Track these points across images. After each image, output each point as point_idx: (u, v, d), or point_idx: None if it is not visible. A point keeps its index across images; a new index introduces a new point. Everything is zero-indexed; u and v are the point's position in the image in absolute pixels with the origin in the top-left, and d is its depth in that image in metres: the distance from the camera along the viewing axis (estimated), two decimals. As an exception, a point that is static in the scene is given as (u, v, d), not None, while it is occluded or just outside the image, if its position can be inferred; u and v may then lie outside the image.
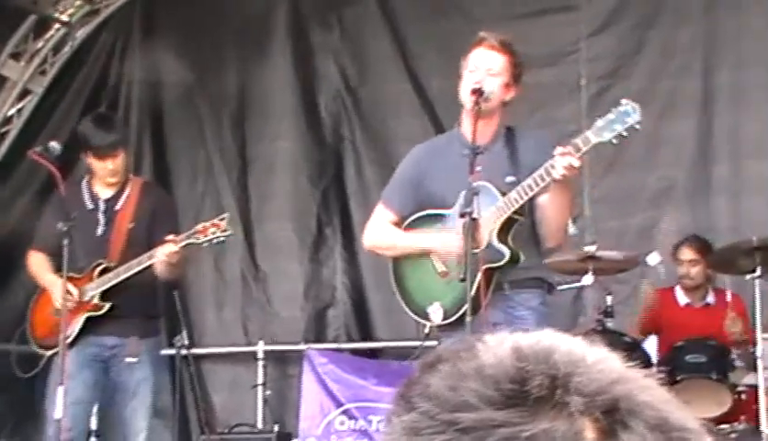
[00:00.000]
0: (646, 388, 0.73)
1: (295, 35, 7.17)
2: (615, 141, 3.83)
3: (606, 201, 6.48)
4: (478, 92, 4.01)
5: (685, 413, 0.74)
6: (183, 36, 7.29)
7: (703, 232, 5.98)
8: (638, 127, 3.83)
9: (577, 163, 3.75)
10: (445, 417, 0.72)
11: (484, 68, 4.05)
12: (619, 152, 6.27)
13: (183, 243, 4.70)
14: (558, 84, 6.56)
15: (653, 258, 5.51)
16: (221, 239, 4.80)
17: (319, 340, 6.93)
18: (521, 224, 4.03)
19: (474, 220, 3.93)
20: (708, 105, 6.40)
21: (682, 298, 5.76)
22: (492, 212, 3.98)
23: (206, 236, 4.73)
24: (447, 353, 0.76)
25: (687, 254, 5.69)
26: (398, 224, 4.27)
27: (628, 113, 3.81)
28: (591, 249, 5.22)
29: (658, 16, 6.53)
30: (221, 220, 4.78)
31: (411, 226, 4.24)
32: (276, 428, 6.47)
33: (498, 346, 0.75)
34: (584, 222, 6.43)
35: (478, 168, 4.01)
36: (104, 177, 4.98)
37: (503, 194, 3.98)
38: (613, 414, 0.70)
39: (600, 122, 3.83)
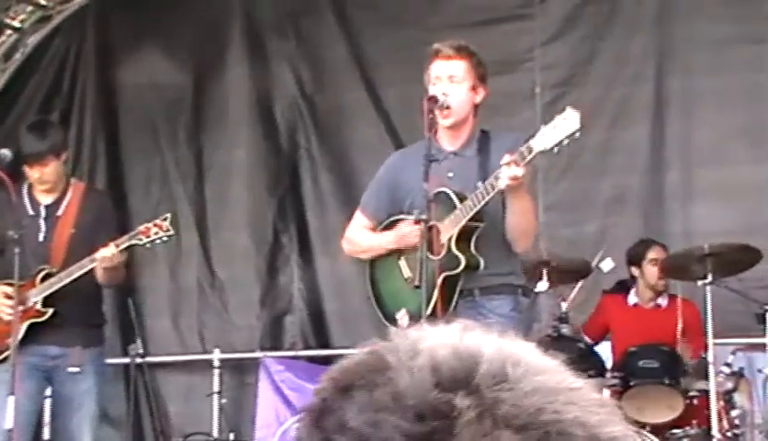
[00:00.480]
0: (574, 400, 0.69)
1: (251, 42, 7.15)
2: (556, 149, 3.86)
3: (560, 208, 6.53)
4: (433, 99, 4.04)
5: (616, 424, 0.70)
6: (138, 43, 7.26)
7: (655, 238, 6.06)
8: (577, 135, 3.84)
9: (520, 172, 3.76)
10: None
11: (446, 77, 4.08)
12: (573, 159, 6.35)
13: (125, 245, 4.68)
14: (512, 92, 6.60)
15: (607, 264, 5.56)
16: (164, 239, 4.79)
17: (275, 348, 6.92)
18: (485, 230, 4.04)
19: (432, 227, 3.96)
20: (660, 112, 6.48)
21: (632, 298, 5.83)
22: (451, 219, 4.01)
23: (148, 237, 4.73)
24: (359, 373, 0.70)
25: (660, 252, 5.74)
26: (374, 229, 4.31)
27: (569, 122, 3.84)
28: (545, 256, 5.26)
29: (611, 26, 6.60)
30: (164, 220, 4.79)
31: (384, 230, 4.27)
32: (231, 437, 6.45)
33: (413, 361, 0.69)
34: (538, 228, 6.48)
35: (449, 174, 4.05)
36: (35, 185, 4.94)
37: (462, 200, 4.01)
38: None
39: (543, 130, 3.86)
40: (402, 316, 4.04)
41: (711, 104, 6.34)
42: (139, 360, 5.72)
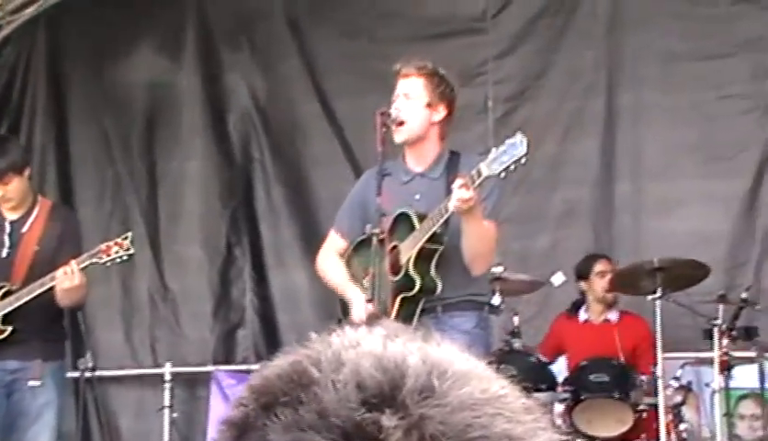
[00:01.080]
0: (502, 411, 0.67)
1: (204, 53, 7.12)
2: (503, 174, 3.88)
3: (512, 222, 6.55)
4: (385, 114, 4.07)
5: (542, 433, 0.69)
6: (89, 53, 7.19)
7: (605, 252, 6.11)
8: (523, 161, 3.86)
9: (468, 195, 3.78)
10: None
11: (402, 94, 4.14)
12: (525, 173, 6.36)
13: (84, 264, 4.65)
14: (465, 106, 6.58)
15: (557, 278, 5.60)
16: (125, 258, 4.78)
17: (227, 361, 6.88)
18: (447, 252, 4.03)
19: (395, 247, 3.98)
20: (611, 126, 6.53)
21: (582, 315, 5.88)
22: (410, 241, 4.03)
23: (109, 256, 4.71)
24: (282, 388, 0.68)
25: (607, 265, 5.79)
26: (350, 244, 4.32)
27: (516, 146, 3.86)
28: (498, 270, 5.27)
29: (563, 39, 6.64)
30: (125, 239, 4.77)
31: (356, 250, 4.29)
32: (182, 451, 6.40)
33: (336, 374, 0.67)
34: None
35: (417, 196, 4.07)
36: (0, 202, 4.89)
37: (422, 222, 4.03)
38: None
39: (492, 154, 3.89)
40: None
41: (661, 118, 6.41)
42: (88, 374, 5.65)
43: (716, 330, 4.92)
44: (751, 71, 6.24)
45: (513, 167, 3.84)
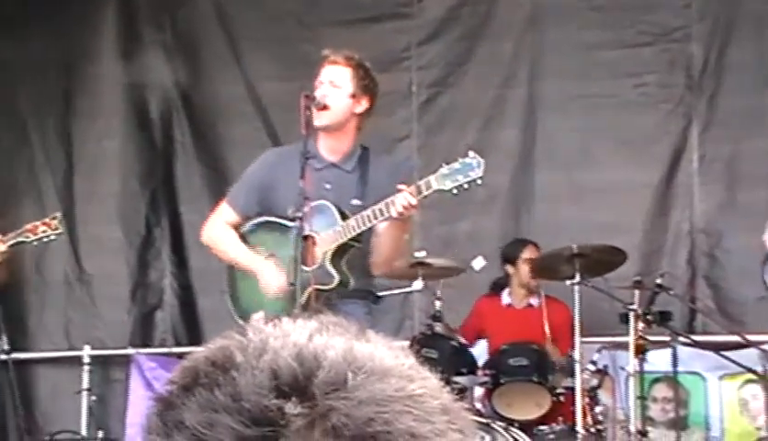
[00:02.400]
0: (411, 409, 0.68)
1: (125, 32, 7.01)
2: (455, 191, 3.95)
3: (435, 207, 6.61)
4: (310, 97, 4.06)
5: (451, 433, 0.70)
6: (6, 32, 7.02)
7: (526, 238, 6.19)
8: (479, 182, 3.96)
9: (415, 203, 3.85)
10: None
11: (327, 81, 4.12)
12: (447, 160, 6.43)
13: (11, 242, 4.57)
14: (389, 91, 6.62)
15: (478, 263, 5.66)
16: (52, 238, 4.73)
17: (146, 343, 6.81)
18: (357, 249, 4.09)
19: (310, 236, 3.98)
20: (532, 114, 6.62)
21: (505, 298, 5.95)
22: (330, 235, 4.03)
23: (36, 235, 4.65)
24: (205, 370, 0.70)
25: (534, 251, 5.86)
26: (239, 225, 4.26)
27: (472, 167, 3.95)
28: (420, 255, 5.31)
29: (486, 28, 6.71)
30: (53, 219, 4.74)
31: (251, 231, 4.25)
32: (100, 434, 6.33)
33: (257, 361, 0.69)
34: (414, 229, 6.55)
35: (327, 186, 4.07)
36: None
37: (344, 216, 4.03)
38: None
39: (444, 170, 3.94)
40: (259, 319, 4.02)
41: (580, 107, 6.52)
42: (4, 357, 5.56)
43: (631, 314, 5.03)
44: (668, 61, 6.38)
45: (467, 187, 3.91)
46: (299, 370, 0.68)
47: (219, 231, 4.31)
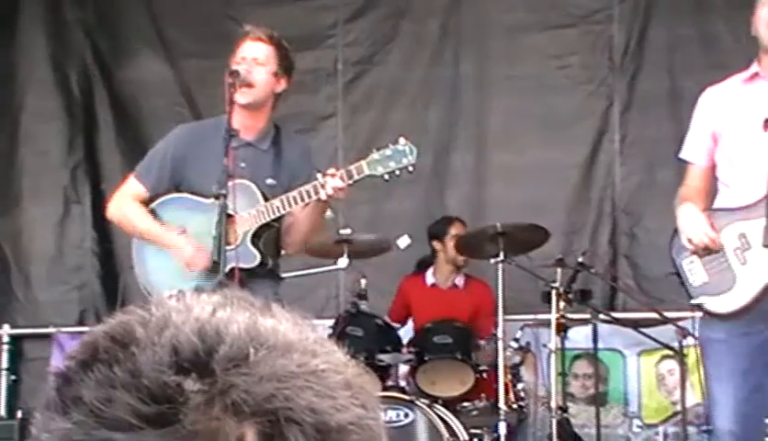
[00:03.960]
0: (312, 385, 0.68)
1: (47, 8, 6.87)
2: (386, 177, 3.95)
3: (360, 186, 6.58)
4: (234, 73, 4.02)
5: (352, 409, 0.69)
6: None
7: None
8: (411, 169, 3.96)
9: (345, 187, 3.85)
10: (99, 434, 0.66)
11: (251, 58, 4.08)
12: (372, 138, 6.43)
13: None
14: (315, 69, 6.63)
15: (403, 241, 5.68)
16: None
17: (67, 322, 6.72)
18: (274, 230, 4.09)
19: (231, 215, 3.95)
20: (456, 94, 6.66)
21: (429, 278, 5.99)
22: (252, 215, 4.01)
23: None
24: (104, 345, 0.69)
25: (461, 229, 5.90)
26: (148, 201, 4.20)
27: (405, 153, 3.95)
28: (345, 232, 5.32)
29: (410, 6, 6.72)
30: None
31: (162, 206, 4.19)
32: (19, 415, 6.24)
33: (158, 337, 0.68)
34: (340, 207, 6.55)
35: (242, 164, 4.03)
36: None
37: (265, 197, 4.01)
38: (271, 429, 0.66)
39: (376, 156, 3.94)
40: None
41: (504, 88, 6.57)
42: None
43: (553, 293, 5.10)
44: (591, 42, 6.46)
45: (398, 173, 3.92)
46: (199, 346, 0.67)
47: (126, 205, 4.22)
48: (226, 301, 0.72)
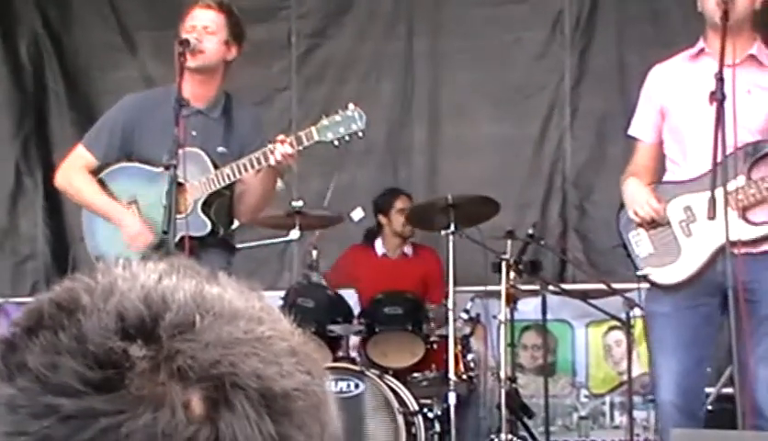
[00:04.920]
0: (258, 351, 0.69)
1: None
2: (336, 143, 3.97)
3: (313, 159, 6.61)
4: (185, 43, 4.01)
5: (297, 375, 0.70)
6: None
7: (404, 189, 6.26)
8: (360, 135, 3.98)
9: (293, 152, 3.87)
10: (45, 400, 0.66)
11: (201, 26, 4.06)
12: (326, 112, 6.43)
13: None
14: (268, 40, 6.61)
15: (357, 214, 5.70)
16: None
17: (17, 293, 6.67)
18: (225, 198, 4.09)
19: (181, 184, 3.95)
20: (410, 68, 6.68)
21: (379, 248, 6.03)
22: (202, 183, 4.01)
23: None
24: (50, 312, 0.69)
25: (407, 202, 5.93)
26: (98, 170, 4.19)
27: (354, 119, 3.98)
28: (298, 205, 5.33)
29: (365, -21, 6.72)
30: None
31: (111, 176, 4.18)
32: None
33: (104, 303, 0.68)
34: (292, 179, 6.56)
35: (193, 132, 4.02)
36: None
37: (215, 165, 4.01)
38: (216, 394, 0.67)
39: (325, 122, 3.96)
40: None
41: (456, 63, 6.60)
42: None
43: (503, 264, 5.15)
44: (543, 17, 6.51)
45: (348, 139, 3.94)
46: (145, 313, 0.68)
47: (75, 174, 4.21)
48: (172, 269, 0.72)
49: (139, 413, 0.65)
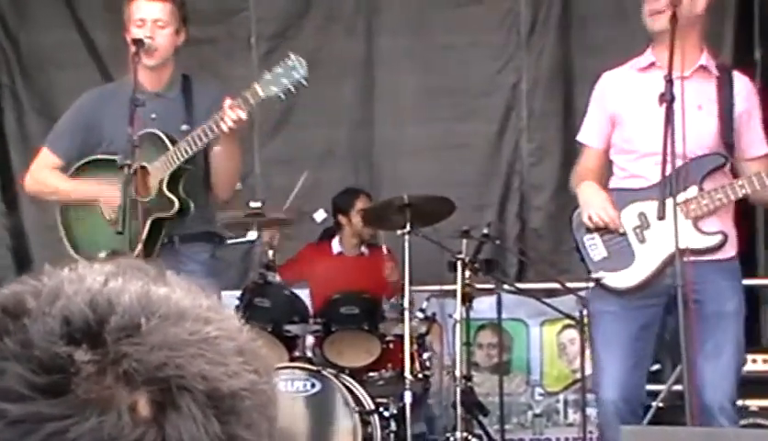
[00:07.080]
0: (204, 352, 0.69)
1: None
2: (282, 95, 3.97)
3: (275, 160, 6.65)
4: (138, 42, 4.03)
5: (244, 375, 0.70)
6: None
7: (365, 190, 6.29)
8: (304, 82, 3.96)
9: (245, 116, 3.87)
10: None
11: (151, 21, 4.06)
12: (288, 112, 6.48)
13: None
14: (228, 42, 6.63)
15: (320, 215, 5.73)
16: None
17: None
18: (192, 173, 4.10)
19: (143, 168, 3.98)
20: (370, 69, 6.71)
21: (336, 247, 6.05)
22: (163, 162, 4.03)
23: None
24: None
25: (367, 202, 5.95)
26: (64, 169, 4.22)
27: (295, 67, 3.95)
28: (256, 205, 5.34)
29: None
30: None
31: (80, 170, 4.22)
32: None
33: (50, 308, 0.69)
34: (255, 180, 6.58)
35: (153, 116, 4.06)
36: None
37: (174, 142, 4.03)
38: (162, 397, 0.67)
39: (267, 76, 3.95)
40: (102, 259, 4.02)
41: (416, 63, 6.64)
42: None
43: (459, 263, 5.18)
44: (500, 18, 6.56)
45: (293, 89, 3.93)
46: (91, 316, 0.68)
47: (46, 174, 4.27)
48: (119, 271, 0.73)
49: (85, 417, 0.65)
